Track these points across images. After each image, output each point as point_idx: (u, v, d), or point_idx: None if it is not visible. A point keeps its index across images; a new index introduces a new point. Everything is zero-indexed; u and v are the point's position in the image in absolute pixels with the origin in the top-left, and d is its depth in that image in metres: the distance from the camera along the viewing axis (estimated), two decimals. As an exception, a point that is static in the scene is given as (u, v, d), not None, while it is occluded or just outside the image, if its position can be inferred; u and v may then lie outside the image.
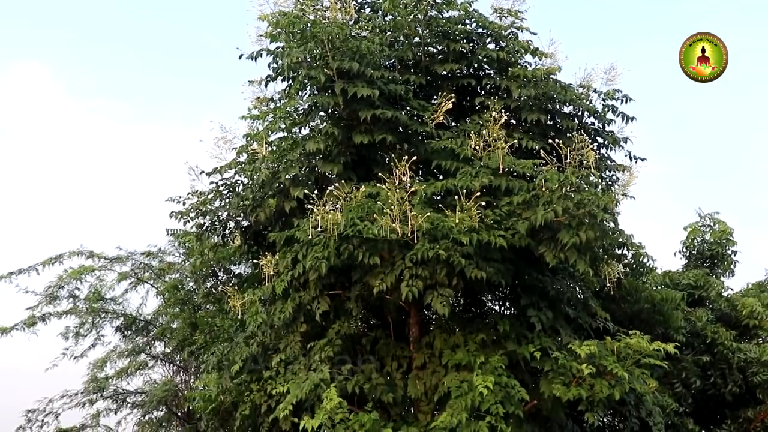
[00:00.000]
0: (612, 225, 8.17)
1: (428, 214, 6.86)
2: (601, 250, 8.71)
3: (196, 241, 11.60)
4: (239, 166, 8.90)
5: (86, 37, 31.37)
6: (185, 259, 14.97)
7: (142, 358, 15.40)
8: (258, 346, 8.59)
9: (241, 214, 8.92)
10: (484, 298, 8.86)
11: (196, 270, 13.89)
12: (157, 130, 32.96)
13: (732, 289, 13.27)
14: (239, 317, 9.07)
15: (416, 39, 8.96)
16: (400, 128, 8.37)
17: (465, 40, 8.78)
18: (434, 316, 8.75)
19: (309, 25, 7.92)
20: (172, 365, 15.27)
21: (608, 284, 8.69)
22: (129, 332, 15.22)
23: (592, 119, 8.87)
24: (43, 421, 14.72)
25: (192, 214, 8.99)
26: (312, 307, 7.84)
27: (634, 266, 10.75)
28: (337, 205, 7.33)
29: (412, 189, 7.10)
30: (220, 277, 13.81)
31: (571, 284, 8.73)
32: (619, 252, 9.72)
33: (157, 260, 15.34)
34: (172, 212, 9.05)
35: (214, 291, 13.27)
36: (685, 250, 13.87)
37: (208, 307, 13.75)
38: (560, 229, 7.13)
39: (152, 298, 15.30)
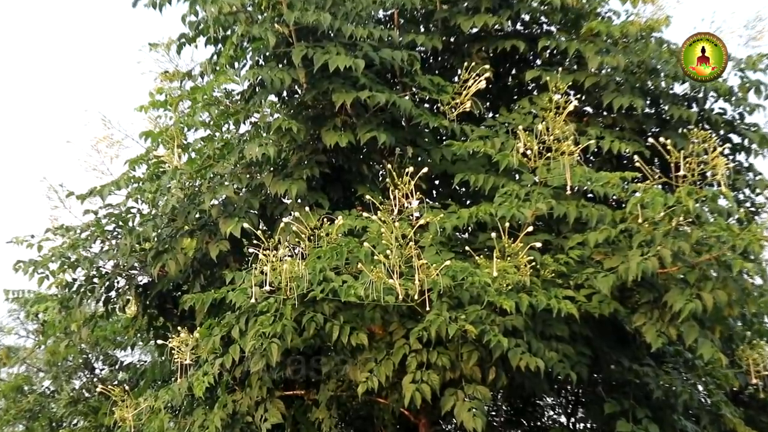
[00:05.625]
0: (759, 281, 8.37)
1: (447, 262, 6.96)
2: (739, 323, 8.98)
3: (59, 310, 11.77)
4: (134, 185, 9.12)
5: None
6: (37, 343, 15.07)
7: None
8: (163, 485, 8.66)
9: (138, 264, 9.16)
10: (541, 402, 9.06)
11: (56, 359, 13.98)
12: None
13: None
14: (131, 438, 9.17)
15: (428, -26, 9.29)
16: (402, 121, 8.67)
17: (508, -24, 9.09)
18: (459, 433, 8.97)
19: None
20: None
21: (754, 380, 8.84)
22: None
23: (722, 104, 9.23)
24: None
25: (53, 265, 9.15)
26: (255, 419, 7.98)
27: (797, 350, 10.94)
28: (298, 249, 7.53)
29: (421, 221, 7.25)
30: (98, 371, 13.93)
31: (690, 380, 8.89)
32: (772, 326, 9.93)
33: (-14, 345, 15.40)
34: (19, 262, 9.19)
35: (87, 394, 13.35)
36: None
37: (76, 422, 13.81)
38: (669, 287, 7.33)
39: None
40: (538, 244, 7.32)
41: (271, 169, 8.64)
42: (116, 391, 9.06)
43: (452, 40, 9.53)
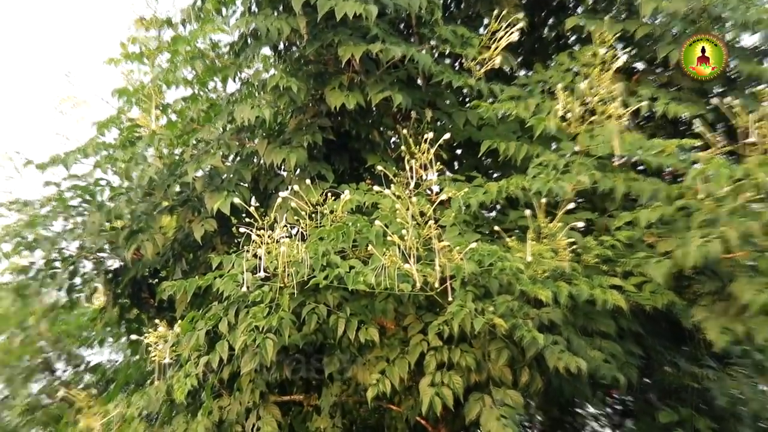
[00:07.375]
0: None
1: (473, 244, 6.96)
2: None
3: (14, 300, 11.81)
4: (104, 153, 9.11)
5: None
6: (-12, 340, 15.16)
7: None
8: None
9: (108, 246, 9.21)
10: (582, 410, 9.06)
11: (10, 359, 14.01)
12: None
13: None
14: (100, 450, 9.21)
15: None
16: (419, 80, 8.68)
17: None
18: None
19: None
20: None
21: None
22: None
23: (798, 59, 9.16)
24: None
25: (7, 246, 9.19)
26: (245, 428, 7.98)
27: None
28: (297, 228, 7.51)
29: (442, 196, 7.31)
30: (60, 372, 13.99)
31: (761, 385, 8.94)
32: None
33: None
34: (-33, 244, 9.21)
35: (47, 400, 13.38)
36: None
37: (33, 432, 13.89)
38: (736, 275, 7.27)
39: None
40: (580, 224, 7.32)
41: (266, 135, 8.64)
42: (81, 396, 9.13)
43: (478, -16, 9.49)
